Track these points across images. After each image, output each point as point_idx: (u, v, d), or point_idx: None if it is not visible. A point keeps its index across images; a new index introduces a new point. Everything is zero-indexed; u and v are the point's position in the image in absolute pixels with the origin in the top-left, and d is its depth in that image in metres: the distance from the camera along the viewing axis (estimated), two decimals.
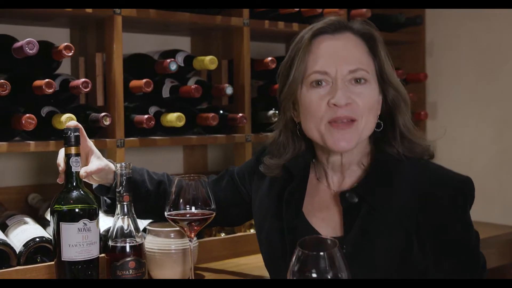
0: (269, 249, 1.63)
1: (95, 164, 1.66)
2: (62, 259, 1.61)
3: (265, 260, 1.68)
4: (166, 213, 1.66)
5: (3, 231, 1.92)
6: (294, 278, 1.16)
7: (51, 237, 1.79)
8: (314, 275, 1.15)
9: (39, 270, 1.82)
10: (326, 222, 1.56)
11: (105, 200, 1.75)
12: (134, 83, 2.13)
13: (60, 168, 1.64)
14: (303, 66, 1.49)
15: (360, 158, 1.57)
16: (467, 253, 1.49)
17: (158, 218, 1.89)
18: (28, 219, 1.98)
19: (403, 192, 1.49)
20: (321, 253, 1.15)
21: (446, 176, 1.52)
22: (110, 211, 1.76)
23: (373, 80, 1.51)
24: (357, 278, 1.40)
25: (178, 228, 1.78)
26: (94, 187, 1.74)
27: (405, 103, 1.54)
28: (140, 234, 1.68)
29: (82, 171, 1.62)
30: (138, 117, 2.11)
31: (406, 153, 1.54)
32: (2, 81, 1.80)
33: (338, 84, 1.47)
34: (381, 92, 1.54)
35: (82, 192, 1.63)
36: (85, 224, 1.61)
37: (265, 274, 1.96)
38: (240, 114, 2.33)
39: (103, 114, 1.99)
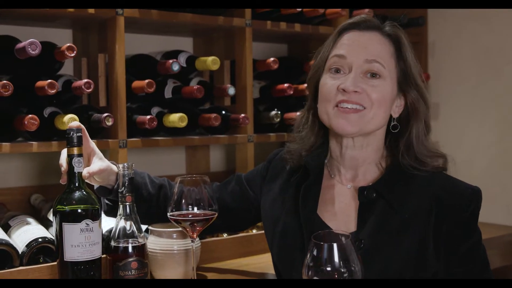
0: (284, 245, 1.63)
1: (97, 164, 1.66)
2: (65, 260, 1.61)
3: (277, 257, 1.68)
4: (168, 214, 1.66)
5: (6, 232, 1.92)
6: (309, 272, 1.22)
7: (53, 238, 1.79)
8: (328, 268, 1.21)
9: (42, 270, 1.82)
10: (339, 216, 1.59)
11: (106, 203, 1.76)
12: (136, 83, 2.13)
13: (62, 169, 1.64)
14: (327, 53, 1.57)
15: (376, 158, 1.60)
16: (478, 262, 1.53)
17: (157, 222, 1.89)
18: (30, 220, 1.98)
19: (418, 194, 1.53)
20: (334, 244, 1.21)
21: (459, 184, 1.56)
22: (110, 215, 1.76)
23: (390, 79, 1.54)
24: (372, 272, 1.44)
25: (180, 229, 1.78)
26: (95, 188, 1.74)
27: (426, 106, 1.58)
28: (142, 234, 1.69)
29: (85, 171, 1.62)
30: (140, 118, 2.11)
31: (415, 164, 1.56)
32: (5, 82, 1.80)
33: (352, 72, 1.52)
34: (402, 94, 1.58)
35: (84, 192, 1.63)
36: (87, 224, 1.61)
37: (268, 274, 1.96)
38: (243, 115, 2.33)
39: (105, 114, 1.99)
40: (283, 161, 1.72)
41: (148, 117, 2.09)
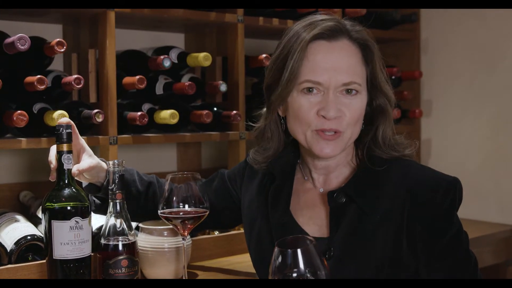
0: (258, 250, 1.62)
1: (86, 162, 1.64)
2: (54, 258, 1.59)
3: (254, 261, 1.67)
4: (159, 211, 1.64)
5: None
6: (276, 273, 1.21)
7: (42, 235, 1.77)
8: (294, 274, 1.20)
9: (31, 268, 1.80)
10: (313, 220, 1.56)
11: (94, 200, 1.74)
12: (127, 79, 2.11)
13: (51, 166, 1.62)
14: (297, 72, 1.47)
15: (348, 159, 1.58)
16: (458, 254, 1.49)
17: (145, 220, 1.89)
18: (19, 217, 1.96)
19: (391, 192, 1.49)
20: (298, 250, 1.20)
21: (434, 177, 1.51)
22: (99, 212, 1.74)
23: (364, 90, 1.51)
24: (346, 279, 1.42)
25: (171, 226, 1.77)
26: (84, 185, 1.73)
27: (392, 107, 1.55)
28: (133, 232, 1.67)
29: (74, 168, 1.60)
30: (131, 114, 2.09)
31: (383, 155, 1.54)
32: None
33: (330, 95, 1.46)
34: (369, 97, 1.54)
35: (74, 189, 1.61)
36: (77, 222, 1.59)
37: None
38: (234, 111, 2.31)
39: (95, 111, 1.97)
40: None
41: (139, 113, 2.07)
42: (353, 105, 1.48)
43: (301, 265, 1.20)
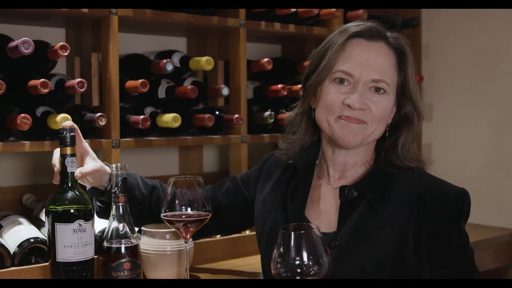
0: (271, 242, 1.62)
1: (90, 165, 1.65)
2: (57, 260, 1.60)
3: (264, 254, 1.68)
4: (161, 214, 1.65)
5: None
6: (278, 260, 1.23)
7: (45, 238, 1.78)
8: (297, 262, 1.22)
9: (34, 271, 1.81)
10: (324, 215, 1.60)
11: (98, 205, 1.75)
12: (130, 83, 2.12)
13: (55, 169, 1.63)
14: (333, 62, 1.56)
15: (365, 160, 1.62)
16: (463, 264, 1.51)
17: (148, 223, 1.89)
18: (22, 220, 1.97)
19: (401, 194, 1.54)
20: (301, 232, 1.23)
21: (444, 185, 1.56)
22: (103, 217, 1.75)
23: (392, 92, 1.57)
24: (346, 270, 1.46)
25: (173, 229, 1.78)
26: (87, 189, 1.73)
27: (418, 119, 1.61)
28: (135, 235, 1.68)
29: (77, 172, 1.61)
30: (133, 118, 2.10)
31: (398, 162, 1.59)
32: None
33: (359, 88, 1.53)
34: (397, 104, 1.60)
35: (77, 192, 1.62)
36: (80, 225, 1.60)
37: (261, 274, 1.96)
38: (236, 115, 2.32)
39: (98, 114, 1.98)
40: (277, 161, 1.74)
41: (142, 117, 2.08)
42: (379, 103, 1.54)
43: (304, 252, 1.21)
